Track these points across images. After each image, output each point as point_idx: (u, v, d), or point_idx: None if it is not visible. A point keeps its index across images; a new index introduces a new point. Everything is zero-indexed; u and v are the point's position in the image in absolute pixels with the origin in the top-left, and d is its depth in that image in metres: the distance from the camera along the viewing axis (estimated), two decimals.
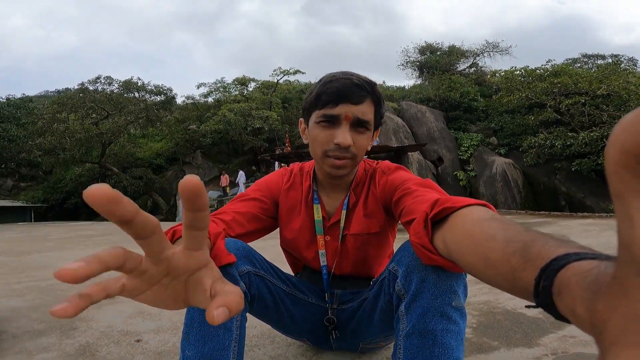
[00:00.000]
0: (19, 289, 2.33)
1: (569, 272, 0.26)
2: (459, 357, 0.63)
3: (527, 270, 0.32)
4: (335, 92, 0.78)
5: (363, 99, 0.79)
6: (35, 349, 1.33)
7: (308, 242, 0.95)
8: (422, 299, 0.63)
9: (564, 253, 0.29)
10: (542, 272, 0.29)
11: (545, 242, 0.33)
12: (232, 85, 22.49)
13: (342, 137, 0.78)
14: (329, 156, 0.81)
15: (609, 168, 0.17)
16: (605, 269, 0.23)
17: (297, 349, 1.27)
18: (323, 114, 0.80)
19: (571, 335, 1.28)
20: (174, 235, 0.67)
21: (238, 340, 0.72)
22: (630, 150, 0.16)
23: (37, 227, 10.83)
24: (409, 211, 0.69)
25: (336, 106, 0.78)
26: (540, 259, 0.31)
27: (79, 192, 18.76)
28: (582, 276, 0.24)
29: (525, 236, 0.36)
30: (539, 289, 0.29)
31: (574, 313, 0.24)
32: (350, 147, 0.80)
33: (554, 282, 0.27)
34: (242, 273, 0.75)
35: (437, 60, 20.86)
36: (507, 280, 0.35)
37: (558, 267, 0.28)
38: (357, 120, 0.79)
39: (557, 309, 0.27)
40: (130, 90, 19.46)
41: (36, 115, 18.05)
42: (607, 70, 13.68)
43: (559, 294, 0.26)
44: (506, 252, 0.36)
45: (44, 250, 4.56)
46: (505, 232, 0.39)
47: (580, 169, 11.87)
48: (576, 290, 0.24)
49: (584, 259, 0.26)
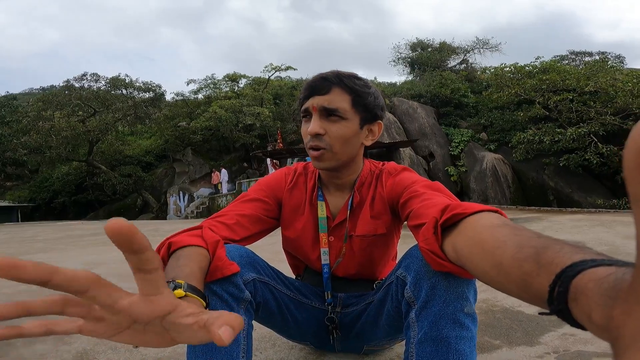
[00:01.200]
0: (9, 294, 2.27)
1: (586, 278, 0.26)
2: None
3: (540, 276, 0.31)
4: (306, 88, 0.84)
5: (328, 88, 0.82)
6: (31, 356, 1.30)
7: (312, 242, 0.94)
8: (433, 306, 0.63)
9: (580, 260, 0.28)
10: (557, 278, 0.28)
11: (560, 248, 0.32)
12: (223, 82, 22.24)
13: (311, 127, 0.82)
14: (309, 148, 0.84)
15: (627, 173, 0.17)
16: (622, 275, 0.23)
17: (299, 352, 1.26)
18: (302, 110, 0.85)
19: (571, 334, 1.29)
20: (170, 247, 0.65)
21: (246, 351, 0.70)
22: None
23: (25, 227, 10.58)
24: (417, 215, 0.69)
25: (307, 100, 0.84)
26: (554, 265, 0.30)
27: (66, 191, 18.44)
28: (599, 282, 0.24)
29: (537, 242, 0.35)
30: (554, 295, 0.28)
31: (590, 319, 0.24)
32: (322, 136, 0.82)
33: (569, 289, 0.27)
34: (247, 281, 0.74)
35: (428, 57, 20.94)
36: (519, 287, 0.35)
37: (574, 273, 0.27)
38: (324, 109, 0.82)
39: (572, 315, 0.26)
40: (118, 87, 19.06)
41: (21, 113, 17.61)
42: (595, 67, 13.91)
43: (574, 300, 0.26)
44: (518, 258, 0.35)
45: (33, 252, 4.45)
46: (516, 237, 0.39)
47: (568, 164, 12.09)
48: (593, 297, 0.24)
49: (601, 265, 0.26)
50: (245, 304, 0.72)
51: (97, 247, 4.81)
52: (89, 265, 3.27)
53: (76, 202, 18.40)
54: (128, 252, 0.29)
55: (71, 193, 18.44)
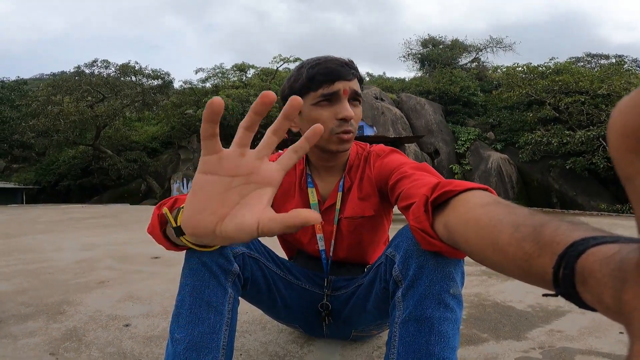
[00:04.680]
0: (6, 273, 2.30)
1: (590, 258, 0.25)
2: (454, 345, 0.61)
3: (542, 257, 0.30)
4: (329, 72, 0.82)
5: (352, 75, 0.84)
6: (21, 333, 1.31)
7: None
8: (419, 285, 0.61)
9: (581, 237, 0.27)
10: (561, 259, 0.27)
11: (557, 225, 0.31)
12: (231, 71, 22.21)
13: (347, 110, 0.82)
14: (336, 134, 0.83)
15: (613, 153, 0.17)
16: (627, 253, 0.22)
17: (288, 335, 1.27)
18: (321, 94, 0.82)
19: (558, 330, 1.28)
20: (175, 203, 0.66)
21: (229, 324, 0.70)
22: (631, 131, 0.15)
23: (28, 209, 10.73)
24: (407, 195, 0.67)
25: (333, 84, 0.82)
26: (555, 244, 0.29)
27: (71, 175, 18.64)
28: (605, 262, 0.23)
29: (533, 220, 0.34)
30: (559, 277, 0.27)
31: (602, 302, 0.23)
32: (351, 121, 0.83)
33: (575, 270, 0.26)
34: (236, 254, 0.74)
35: (439, 54, 20.70)
36: (518, 267, 0.33)
37: (577, 253, 0.26)
38: (355, 93, 0.84)
39: (581, 298, 0.25)
40: (127, 74, 19.13)
41: (30, 98, 17.72)
42: (610, 70, 13.69)
43: (582, 282, 0.25)
44: (516, 237, 0.34)
45: (33, 233, 4.52)
46: (511, 215, 0.37)
47: (575, 167, 11.95)
48: (602, 279, 0.23)
49: (603, 243, 0.25)
50: (233, 277, 0.72)
51: (95, 229, 4.86)
52: (85, 247, 3.31)
53: (81, 186, 18.58)
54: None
55: (76, 176, 18.63)
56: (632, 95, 0.16)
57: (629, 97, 0.16)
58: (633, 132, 0.15)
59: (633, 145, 0.16)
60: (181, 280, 0.71)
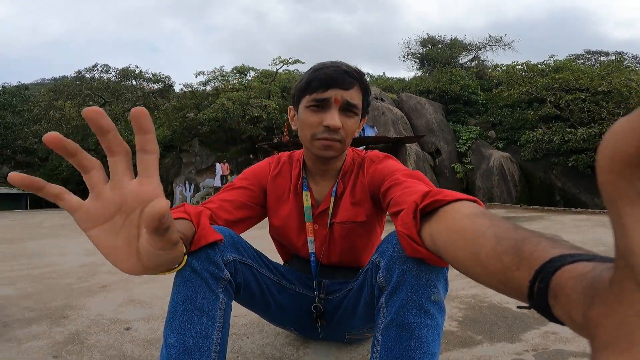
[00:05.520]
0: (11, 277, 2.34)
1: (565, 274, 0.26)
2: (434, 351, 0.63)
3: (520, 270, 0.31)
4: (325, 78, 0.81)
5: (352, 85, 0.82)
6: (25, 337, 1.34)
7: (297, 229, 0.95)
8: (401, 292, 0.63)
9: (559, 254, 0.28)
10: (537, 274, 0.29)
11: (537, 241, 0.32)
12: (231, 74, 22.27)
13: (332, 119, 0.81)
14: (318, 139, 0.83)
15: (600, 175, 0.17)
16: (601, 272, 0.22)
17: (285, 338, 1.29)
18: (313, 99, 0.83)
19: (553, 332, 1.30)
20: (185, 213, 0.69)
21: (221, 328, 0.72)
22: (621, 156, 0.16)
23: (32, 214, 10.81)
24: (397, 202, 0.69)
25: (326, 90, 0.82)
26: (533, 259, 0.30)
27: (75, 180, 18.74)
28: (579, 280, 0.24)
29: (515, 234, 0.35)
30: (534, 290, 0.28)
31: (570, 317, 0.24)
32: (339, 130, 0.82)
33: (549, 285, 0.27)
34: (227, 261, 0.75)
35: (439, 53, 20.68)
36: (497, 279, 0.35)
37: (553, 269, 0.27)
38: (347, 104, 0.83)
39: (551, 312, 0.26)
40: (128, 78, 19.27)
41: (32, 103, 17.90)
42: (610, 67, 13.61)
43: (555, 297, 0.26)
44: (497, 251, 0.35)
45: (37, 238, 4.56)
46: (495, 229, 0.39)
47: (577, 164, 11.90)
48: (572, 295, 0.24)
49: (580, 260, 0.26)
50: (224, 283, 0.74)
51: None
52: (89, 251, 3.34)
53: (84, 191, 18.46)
54: (138, 132, 0.35)
55: (80, 182, 18.65)
56: (623, 120, 0.16)
57: (620, 122, 0.16)
58: (621, 156, 0.16)
59: (619, 169, 0.16)
60: (173, 287, 0.73)
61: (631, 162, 0.15)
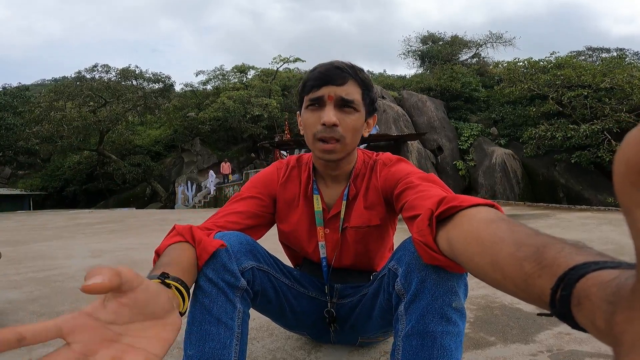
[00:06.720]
0: (17, 281, 2.33)
1: (589, 282, 0.25)
2: (457, 358, 0.62)
3: (542, 277, 0.31)
4: (319, 76, 0.81)
5: (345, 80, 0.81)
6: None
7: (307, 234, 0.94)
8: (421, 300, 0.62)
9: (583, 262, 0.28)
10: (560, 281, 0.28)
11: (561, 248, 0.32)
12: (232, 73, 22.28)
13: (326, 116, 0.80)
14: (319, 139, 0.82)
15: (617, 185, 0.17)
16: (625, 279, 0.22)
17: (295, 342, 1.28)
18: (310, 98, 0.83)
19: (567, 333, 1.28)
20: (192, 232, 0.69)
21: (240, 338, 0.71)
22: (634, 166, 0.16)
23: (35, 215, 10.83)
24: (411, 206, 0.68)
25: (320, 88, 0.81)
26: (556, 266, 0.30)
27: (77, 180, 18.79)
28: (603, 287, 0.24)
29: (536, 240, 0.34)
30: (556, 298, 0.28)
31: (594, 324, 0.23)
32: (336, 127, 0.81)
33: (572, 292, 0.26)
34: (245, 269, 0.74)
35: (439, 50, 20.65)
36: (517, 286, 0.34)
37: (577, 276, 0.27)
38: (341, 100, 0.81)
39: (574, 319, 0.26)
40: (128, 78, 19.28)
41: (33, 104, 17.94)
42: (612, 64, 13.60)
43: (578, 304, 0.26)
44: (517, 257, 0.34)
45: (42, 240, 4.57)
46: (514, 234, 0.38)
47: (580, 161, 11.88)
48: (597, 302, 0.23)
49: (604, 268, 0.26)
50: (241, 292, 0.73)
51: (102, 235, 4.90)
52: (94, 253, 3.34)
53: (87, 191, 18.76)
54: None
55: (82, 182, 18.79)
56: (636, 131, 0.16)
57: (634, 133, 0.16)
58: (635, 166, 0.16)
59: (634, 178, 0.16)
60: (191, 297, 0.72)
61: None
